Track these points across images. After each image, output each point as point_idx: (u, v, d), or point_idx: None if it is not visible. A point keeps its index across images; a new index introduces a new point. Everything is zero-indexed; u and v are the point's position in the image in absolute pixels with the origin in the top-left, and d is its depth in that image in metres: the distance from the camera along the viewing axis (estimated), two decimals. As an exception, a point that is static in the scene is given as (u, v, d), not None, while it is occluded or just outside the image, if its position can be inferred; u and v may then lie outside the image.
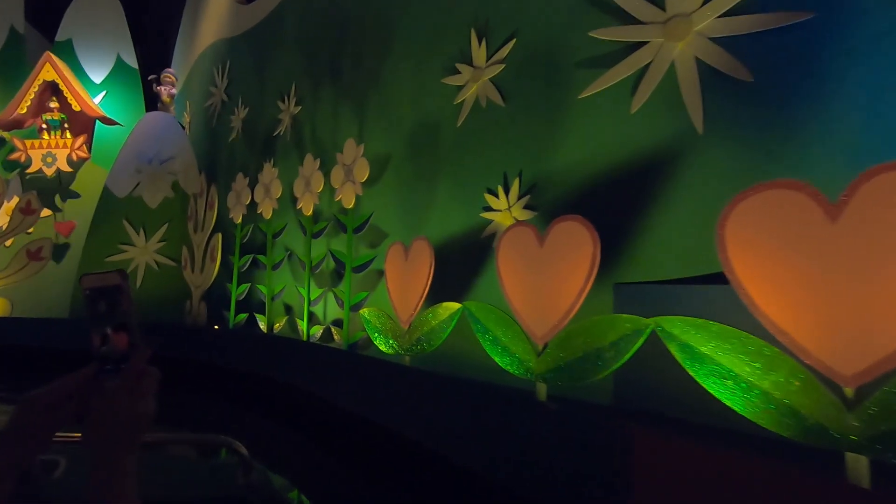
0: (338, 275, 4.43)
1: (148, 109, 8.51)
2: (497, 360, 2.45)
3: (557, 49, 2.86)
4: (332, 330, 4.21)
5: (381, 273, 3.93)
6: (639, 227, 2.40)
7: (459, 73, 3.43)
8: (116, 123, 8.28)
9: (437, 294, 3.08)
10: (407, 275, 3.19)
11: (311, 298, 4.50)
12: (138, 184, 6.99)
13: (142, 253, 6.80)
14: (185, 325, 6.19)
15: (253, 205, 5.33)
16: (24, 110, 7.88)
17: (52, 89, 8.06)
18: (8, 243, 7.13)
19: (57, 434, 0.63)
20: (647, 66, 2.46)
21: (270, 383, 4.53)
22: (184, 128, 7.76)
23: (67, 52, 8.89)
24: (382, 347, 3.38)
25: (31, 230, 7.20)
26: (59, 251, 7.40)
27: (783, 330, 1.53)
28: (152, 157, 7.06)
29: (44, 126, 7.94)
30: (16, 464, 0.60)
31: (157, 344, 0.73)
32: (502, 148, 3.13)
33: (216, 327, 5.44)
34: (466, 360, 2.88)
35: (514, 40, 3.10)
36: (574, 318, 2.17)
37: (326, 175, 4.38)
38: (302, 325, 4.58)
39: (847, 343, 1.42)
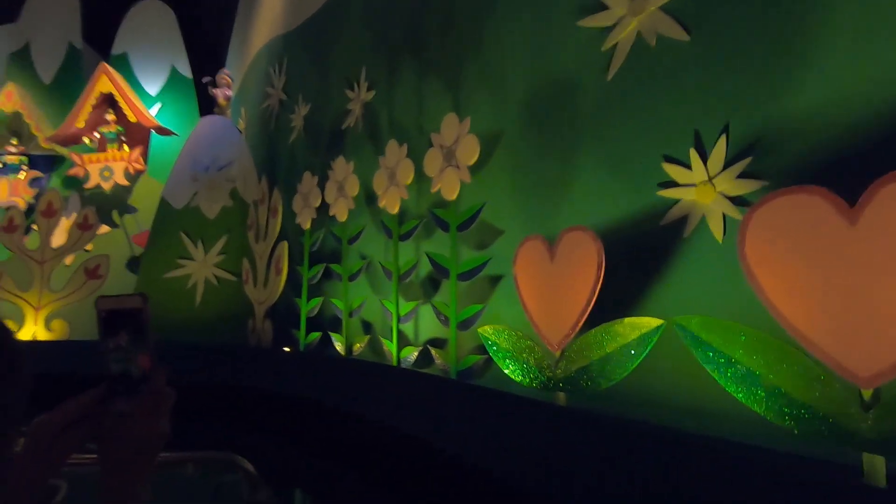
0: (432, 284, 3.63)
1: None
2: (766, 412, 1.53)
3: (788, -59, 1.95)
4: (433, 353, 3.38)
5: (495, 280, 3.09)
6: None
7: (607, 8, 2.57)
8: (172, 133, 7.93)
9: (602, 307, 2.19)
10: (556, 280, 2.33)
11: (401, 314, 3.70)
12: (195, 193, 6.50)
13: (201, 267, 6.26)
14: (248, 347, 5.56)
15: (323, 207, 4.64)
16: (82, 124, 7.62)
17: (108, 102, 7.79)
18: (68, 261, 6.79)
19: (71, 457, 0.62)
20: None
21: (352, 420, 3.75)
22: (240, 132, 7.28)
23: (123, 66, 8.68)
24: (517, 378, 2.52)
25: (89, 247, 6.84)
26: (137, 262, 7.05)
27: None
28: (209, 164, 6.56)
29: (97, 136, 7.65)
30: (29, 486, 0.59)
31: (170, 369, 0.64)
32: (689, 97, 2.23)
33: (287, 349, 4.74)
34: (677, 403, 1.96)
35: (702, -54, 2.22)
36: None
37: (417, 163, 3.60)
38: (389, 347, 3.79)
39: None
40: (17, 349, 0.59)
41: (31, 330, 6.42)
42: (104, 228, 7.22)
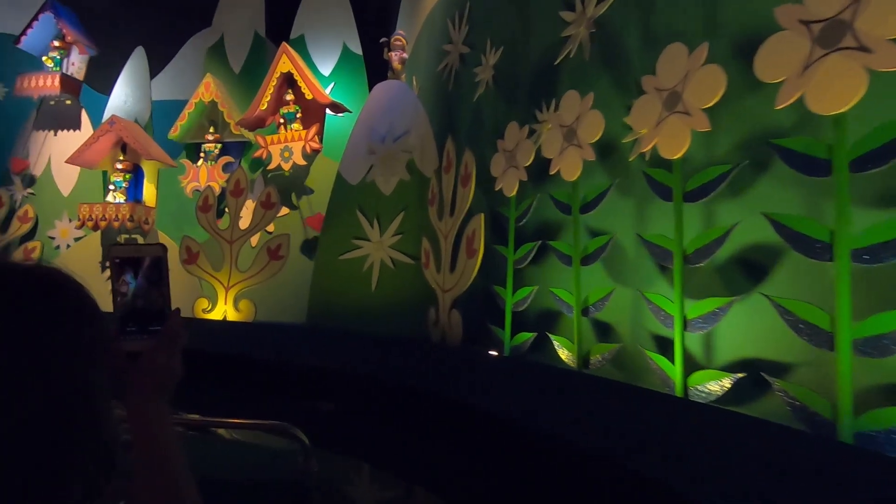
0: (750, 271, 2.21)
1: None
2: None
3: None
4: (777, 386, 1.97)
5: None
6: None
7: None
8: (345, 110, 7.58)
9: None
10: None
11: (689, 317, 2.35)
12: (371, 167, 5.90)
13: (377, 248, 5.64)
14: (430, 343, 4.71)
15: (536, 167, 3.49)
16: (265, 106, 7.64)
17: (288, 82, 7.71)
18: (253, 242, 6.78)
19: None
20: None
21: (620, 477, 2.50)
22: (415, 99, 6.54)
23: (301, 48, 8.65)
24: None
25: (270, 228, 6.74)
26: (310, 246, 6.87)
27: None
28: (385, 134, 5.91)
29: (281, 120, 7.60)
30: None
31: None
32: None
33: (494, 353, 3.71)
34: None
35: None
36: None
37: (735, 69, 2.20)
38: (664, 366, 2.47)
39: None
40: (82, 293, 0.56)
41: (222, 309, 6.47)
42: (283, 210, 7.12)
